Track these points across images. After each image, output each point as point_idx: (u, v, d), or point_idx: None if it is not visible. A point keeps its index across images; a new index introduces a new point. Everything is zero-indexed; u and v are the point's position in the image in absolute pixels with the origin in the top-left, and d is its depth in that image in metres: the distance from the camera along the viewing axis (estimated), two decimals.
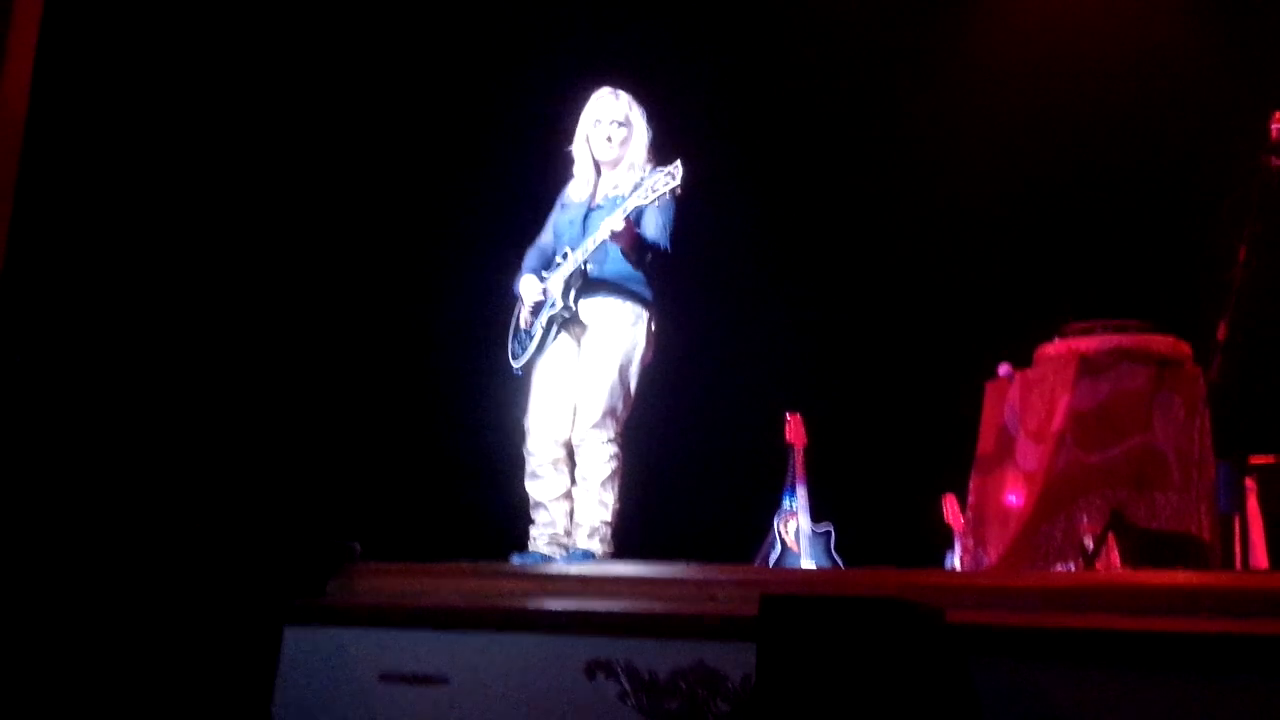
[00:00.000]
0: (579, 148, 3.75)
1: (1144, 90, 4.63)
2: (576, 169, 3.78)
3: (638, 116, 3.71)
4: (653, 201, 3.43)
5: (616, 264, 3.59)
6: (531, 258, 3.82)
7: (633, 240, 3.45)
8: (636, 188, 3.48)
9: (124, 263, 4.14)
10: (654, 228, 3.54)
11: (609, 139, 3.68)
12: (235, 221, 4.45)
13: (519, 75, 4.94)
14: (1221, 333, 3.02)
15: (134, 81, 4.11)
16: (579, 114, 3.76)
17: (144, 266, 4.20)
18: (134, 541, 3.26)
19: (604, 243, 3.50)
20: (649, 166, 3.61)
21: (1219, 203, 3.69)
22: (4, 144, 3.24)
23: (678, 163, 3.41)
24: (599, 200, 3.68)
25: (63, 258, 3.91)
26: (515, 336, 3.78)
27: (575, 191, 3.78)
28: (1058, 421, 3.42)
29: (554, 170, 3.88)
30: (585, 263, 3.58)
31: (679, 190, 3.42)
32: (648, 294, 3.63)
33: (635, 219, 3.46)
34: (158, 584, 3.07)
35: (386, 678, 2.75)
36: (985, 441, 3.72)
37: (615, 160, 3.70)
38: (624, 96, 3.73)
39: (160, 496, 3.85)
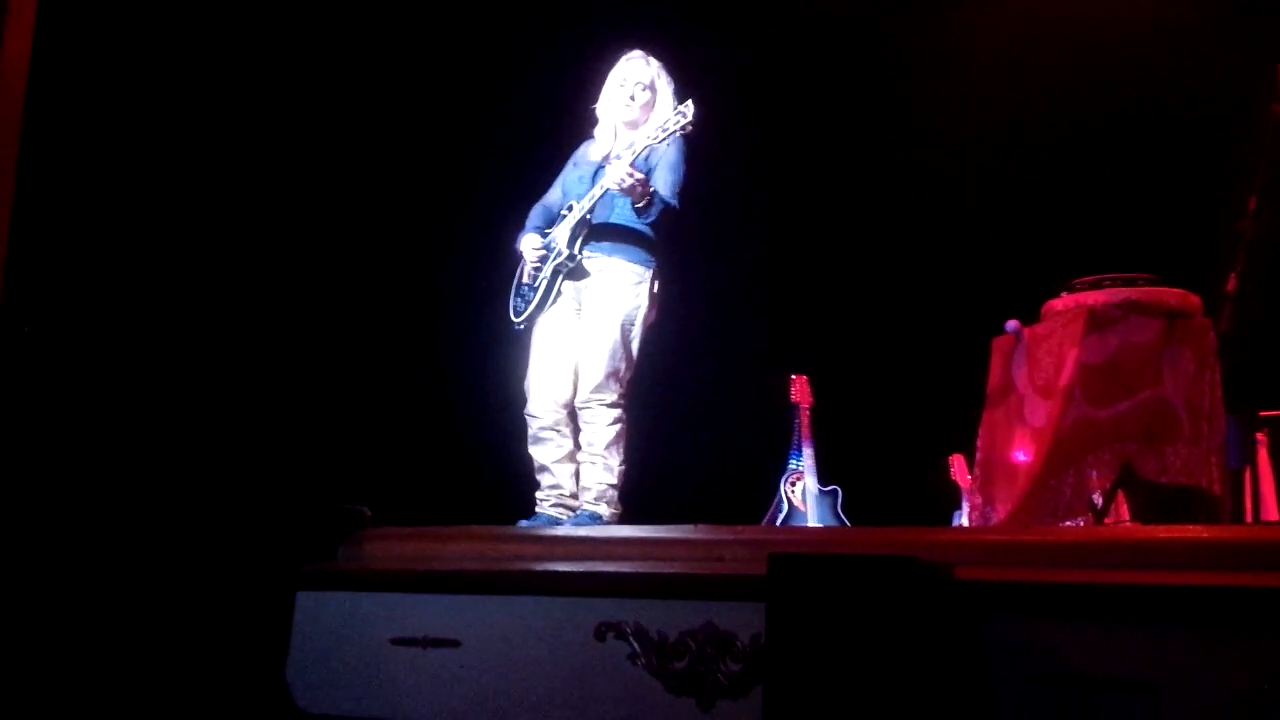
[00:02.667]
0: (603, 107, 3.73)
1: (1153, 39, 4.57)
2: (599, 130, 3.76)
3: (664, 84, 3.69)
4: (663, 140, 3.42)
5: (623, 215, 3.57)
6: (536, 215, 3.79)
7: (639, 183, 3.41)
8: (651, 166, 3.48)
9: (131, 232, 4.13)
10: (664, 185, 3.52)
11: (631, 99, 3.66)
12: (238, 185, 4.43)
13: (531, 33, 4.89)
14: (1232, 284, 2.99)
15: (128, 42, 4.08)
16: (595, 75, 3.76)
17: (151, 235, 4.19)
18: (149, 510, 3.28)
19: (611, 193, 3.48)
20: (661, 136, 3.58)
21: (1229, 153, 3.65)
22: (5, 120, 3.22)
23: (689, 102, 3.41)
24: (612, 156, 3.66)
25: (70, 226, 3.91)
26: (517, 292, 3.76)
27: (592, 151, 3.75)
28: (1066, 377, 3.39)
29: (563, 130, 3.86)
30: (591, 210, 3.56)
31: (689, 128, 3.40)
32: (651, 255, 3.61)
33: (645, 170, 3.44)
34: (173, 551, 3.09)
35: (398, 641, 2.77)
36: (993, 399, 3.70)
37: (635, 122, 3.67)
38: (654, 63, 3.71)
39: (174, 466, 3.87)
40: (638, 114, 3.67)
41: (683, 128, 3.40)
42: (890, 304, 4.98)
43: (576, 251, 3.57)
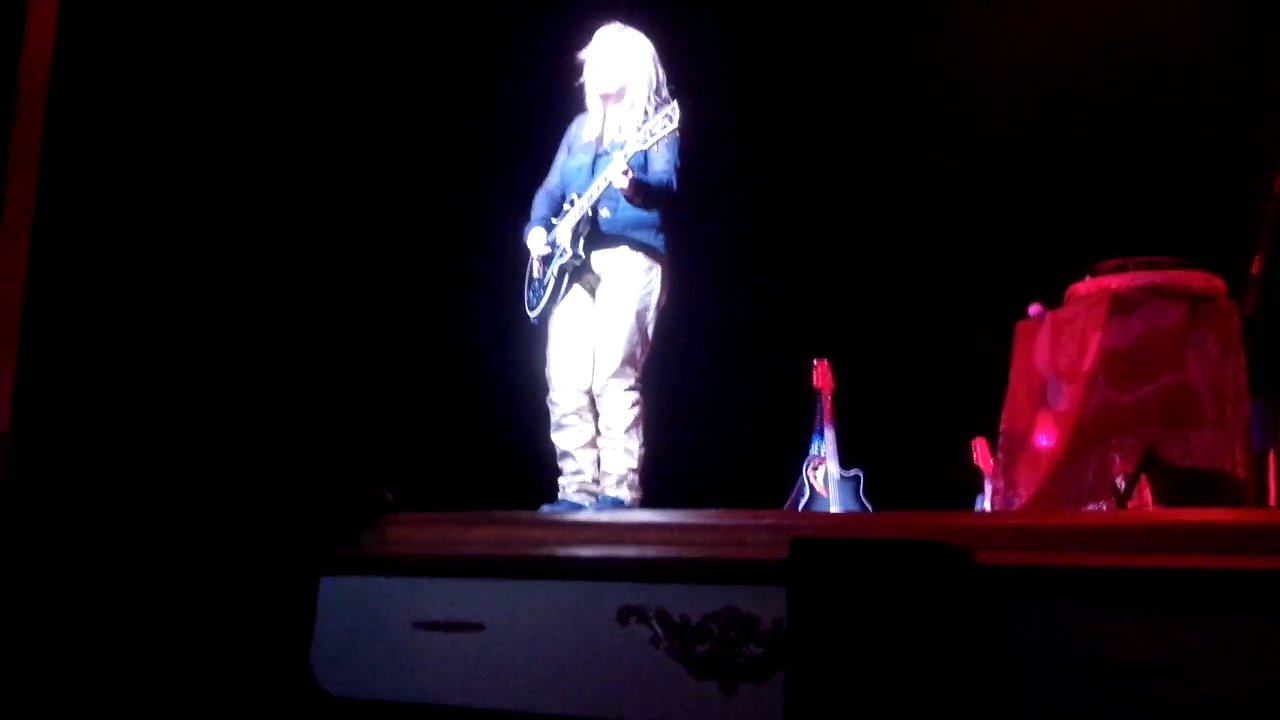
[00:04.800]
0: (586, 82, 3.72)
1: (1177, 19, 4.51)
2: (589, 104, 3.76)
3: (640, 53, 3.66)
4: (652, 145, 3.42)
5: (627, 211, 3.57)
6: (540, 204, 3.80)
7: (635, 186, 3.44)
8: (637, 131, 3.47)
9: (155, 221, 4.16)
10: (660, 163, 3.51)
11: (605, 72, 3.64)
12: (260, 175, 4.46)
13: (531, 17, 4.88)
14: (1256, 267, 2.97)
15: (148, 37, 4.10)
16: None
17: (174, 224, 4.21)
18: (175, 496, 3.30)
19: (612, 188, 3.49)
20: (655, 105, 3.58)
21: (1254, 135, 3.62)
22: (28, 111, 3.25)
23: (674, 104, 3.40)
24: (605, 145, 3.65)
25: (94, 215, 3.93)
26: (530, 286, 3.78)
27: (583, 130, 3.75)
28: (1089, 361, 3.38)
29: (568, 114, 3.86)
30: (593, 209, 3.56)
31: (678, 133, 3.40)
32: (659, 244, 3.61)
33: (638, 165, 3.44)
34: (198, 537, 3.12)
35: (421, 625, 2.79)
36: (1016, 382, 3.69)
37: (615, 95, 3.65)
38: (629, 31, 3.69)
39: (199, 452, 3.90)
40: (614, 85, 3.66)
41: (670, 132, 3.39)
42: (913, 288, 4.96)
43: (581, 251, 3.58)
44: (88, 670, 2.96)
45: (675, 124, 3.37)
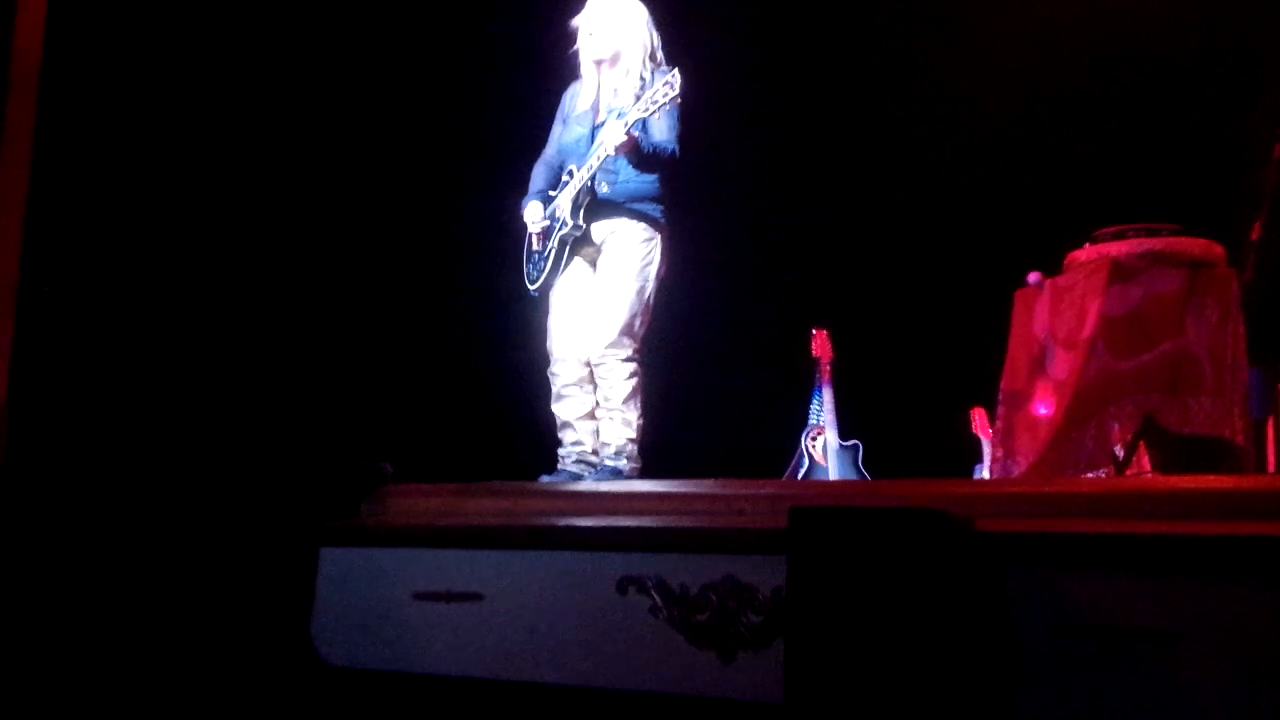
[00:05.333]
0: (580, 48, 3.69)
1: None
2: (582, 72, 3.73)
3: (635, 17, 3.63)
4: (653, 113, 3.39)
5: (627, 182, 3.54)
6: (537, 177, 3.78)
7: (635, 150, 3.42)
8: (637, 99, 3.44)
9: (151, 193, 4.14)
10: (660, 131, 3.49)
11: (599, 38, 3.62)
12: (254, 147, 4.43)
13: None
14: (1255, 233, 2.96)
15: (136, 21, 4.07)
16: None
17: (172, 196, 4.20)
18: (175, 468, 3.30)
19: (611, 157, 3.46)
20: (651, 71, 3.55)
21: (1253, 100, 3.59)
22: (22, 89, 3.22)
23: (675, 71, 3.38)
24: (602, 114, 3.63)
25: (91, 187, 3.91)
26: (529, 260, 3.76)
27: (578, 99, 3.72)
28: (1089, 328, 3.37)
29: (563, 83, 3.83)
30: (593, 179, 3.54)
31: (679, 99, 3.37)
32: (659, 213, 3.60)
33: (639, 128, 3.42)
34: (199, 508, 3.12)
35: (421, 596, 2.80)
36: (1015, 350, 3.69)
37: (610, 60, 3.63)
38: None
39: (200, 423, 3.90)
40: (608, 51, 3.63)
41: (671, 99, 3.36)
42: (912, 256, 4.95)
43: (582, 221, 3.56)
44: (88, 643, 2.97)
45: (677, 91, 3.34)
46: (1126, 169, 4.54)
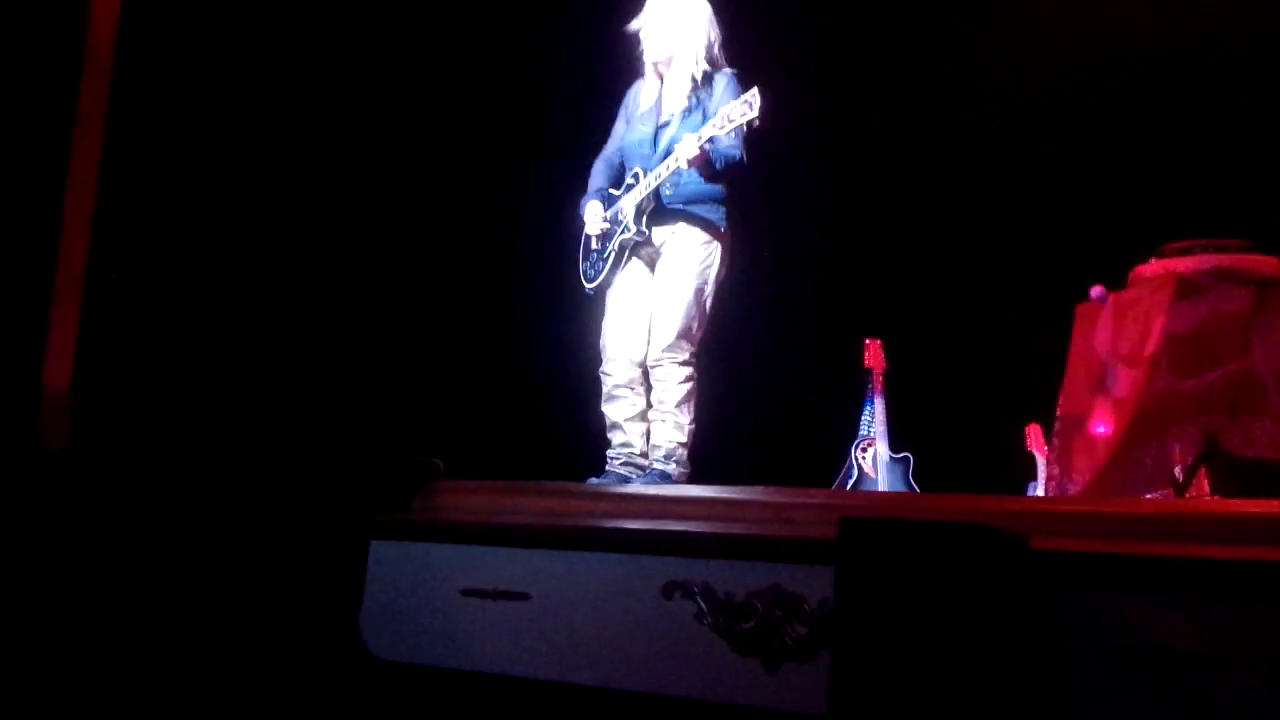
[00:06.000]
0: (644, 49, 3.69)
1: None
2: (647, 70, 3.73)
3: (691, 18, 3.61)
4: (728, 132, 3.35)
5: (691, 186, 3.54)
6: (597, 174, 3.78)
7: (707, 164, 3.42)
8: (693, 103, 3.42)
9: (216, 187, 4.20)
10: (729, 141, 3.48)
11: (655, 40, 3.62)
12: (321, 143, 4.48)
13: None
14: None
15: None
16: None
17: (234, 190, 4.26)
18: (231, 459, 3.35)
19: (681, 170, 3.46)
20: (705, 74, 3.53)
21: None
22: (95, 76, 3.27)
23: (754, 91, 3.30)
24: (665, 115, 3.62)
25: (161, 175, 3.98)
26: (586, 258, 3.76)
27: (640, 97, 3.71)
28: (1152, 345, 3.31)
29: (624, 83, 3.83)
30: (659, 187, 3.54)
31: (756, 123, 3.30)
32: (722, 218, 3.59)
33: (710, 141, 3.40)
34: (252, 499, 3.16)
35: (468, 592, 2.81)
36: (1074, 367, 3.63)
37: (666, 61, 3.62)
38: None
39: (257, 414, 3.95)
40: (664, 52, 3.62)
41: (749, 121, 3.29)
42: (971, 268, 4.89)
43: (645, 228, 3.56)
44: (140, 630, 3.02)
45: (755, 113, 3.27)
46: (1194, 181, 4.45)
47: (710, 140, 3.39)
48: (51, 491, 3.10)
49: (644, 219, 3.56)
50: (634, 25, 3.68)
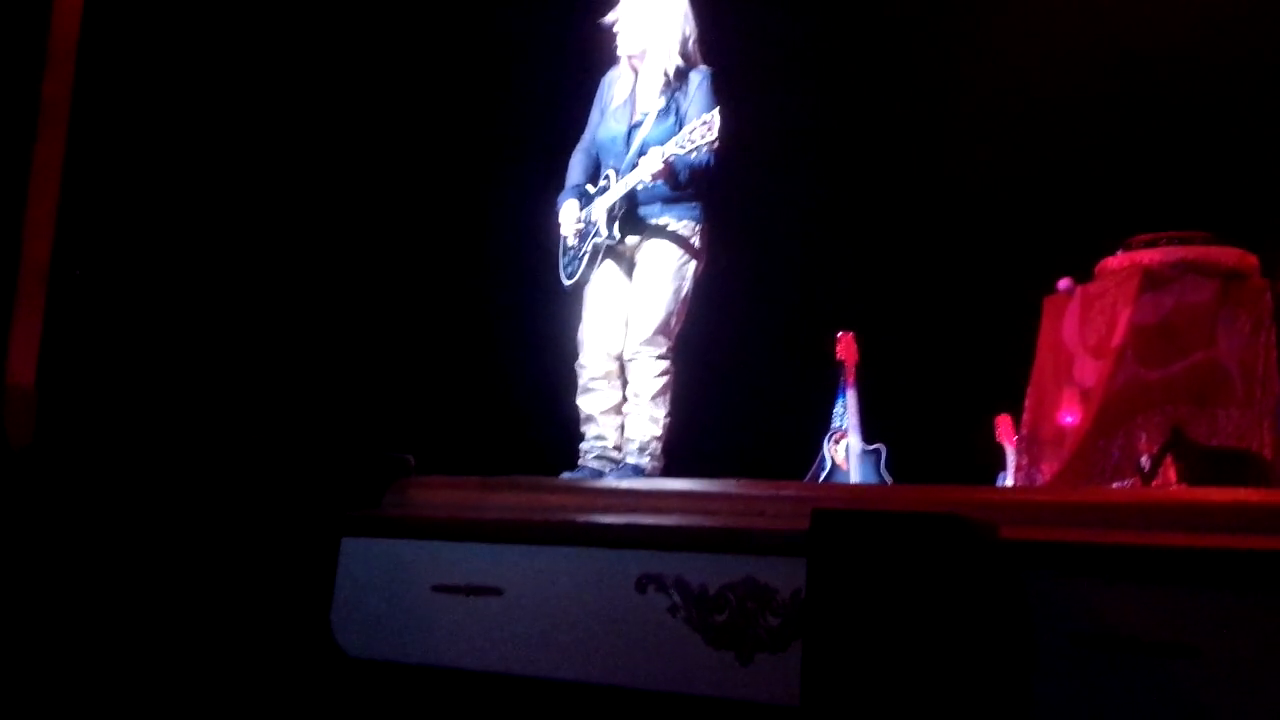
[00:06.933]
0: (618, 41, 3.69)
1: None
2: (621, 60, 3.73)
3: (665, 12, 3.61)
4: (689, 152, 3.36)
5: (662, 189, 3.53)
6: (575, 168, 3.77)
7: (672, 177, 3.43)
8: (681, 119, 3.44)
9: (184, 183, 4.17)
10: (697, 152, 3.47)
11: (628, 33, 3.62)
12: (287, 139, 4.45)
13: None
14: None
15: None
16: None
17: (203, 186, 4.22)
18: (199, 454, 3.33)
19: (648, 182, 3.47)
20: (679, 70, 3.54)
21: None
22: (58, 72, 3.24)
23: (715, 112, 3.32)
24: (638, 113, 3.61)
25: (124, 173, 3.94)
26: (564, 252, 3.75)
27: (615, 89, 3.70)
28: (1118, 337, 3.34)
29: (598, 74, 3.82)
30: (629, 191, 3.54)
31: (716, 144, 3.32)
32: (698, 216, 3.59)
33: (674, 158, 3.40)
34: (219, 496, 3.14)
35: (440, 588, 2.80)
36: (1043, 358, 3.66)
37: (639, 55, 3.63)
38: None
39: (225, 410, 3.92)
40: (638, 45, 3.62)
41: (710, 143, 3.31)
42: (940, 260, 4.92)
43: (618, 232, 3.55)
44: (107, 630, 2.99)
45: (714, 135, 3.29)
46: (1159, 175, 4.50)
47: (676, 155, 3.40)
48: (16, 489, 3.07)
49: (616, 224, 3.56)
50: (608, 19, 3.67)
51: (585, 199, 3.69)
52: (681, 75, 3.57)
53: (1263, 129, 4.19)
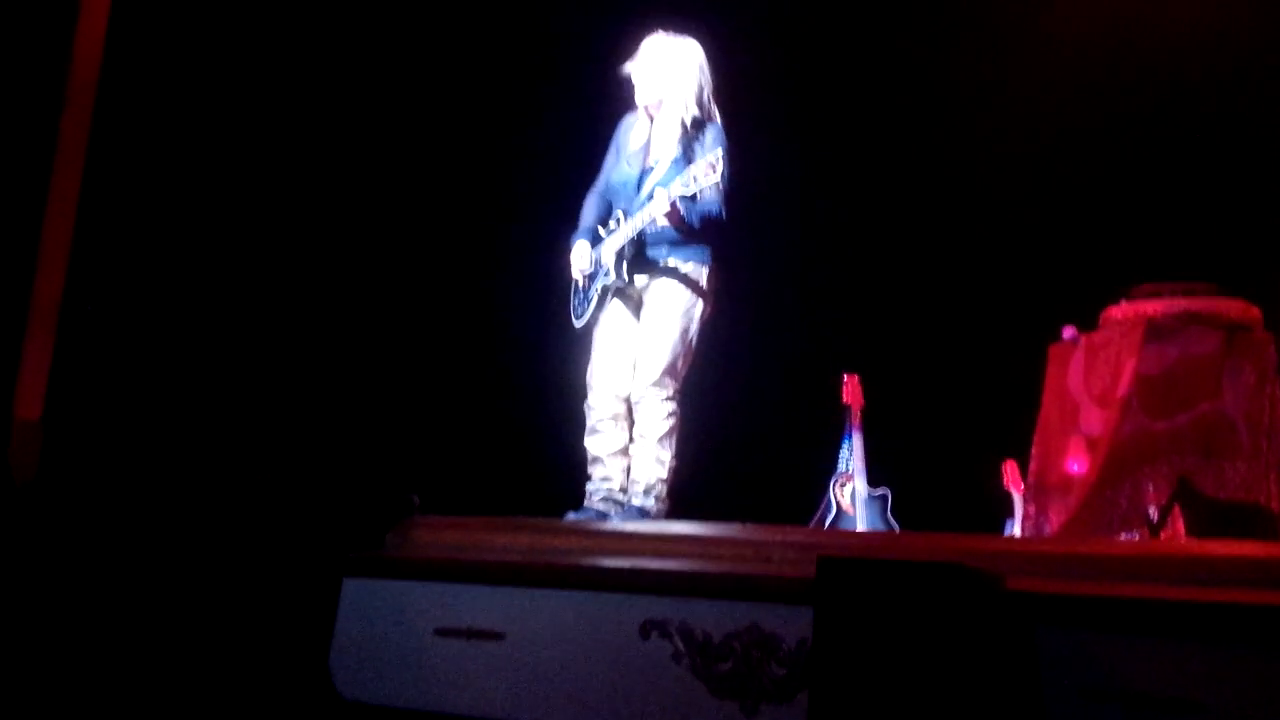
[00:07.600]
0: (636, 90, 3.72)
1: (1218, 44, 4.47)
2: (638, 109, 3.77)
3: (681, 63, 3.65)
4: (694, 193, 3.40)
5: (671, 232, 3.56)
6: (588, 210, 3.79)
7: (680, 222, 3.45)
8: (681, 153, 3.45)
9: (190, 221, 4.19)
10: (708, 192, 3.49)
11: (646, 83, 3.65)
12: (300, 177, 4.48)
13: (581, 26, 4.89)
14: None
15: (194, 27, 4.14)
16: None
17: (217, 225, 4.24)
18: (202, 492, 3.32)
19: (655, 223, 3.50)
20: (696, 120, 3.56)
21: None
22: (77, 110, 3.27)
23: (718, 154, 3.37)
24: (652, 158, 3.64)
25: (138, 209, 3.96)
26: (575, 293, 3.77)
27: (632, 135, 3.73)
28: (1124, 387, 3.34)
29: (615, 118, 3.85)
30: (638, 234, 3.56)
31: (721, 185, 3.38)
32: (706, 259, 3.60)
33: (682, 200, 3.43)
34: (222, 534, 3.13)
35: (442, 632, 2.78)
36: (1048, 406, 3.65)
37: (656, 104, 3.66)
38: (673, 41, 3.67)
39: (229, 449, 3.91)
40: (655, 96, 3.66)
41: (712, 184, 3.37)
42: (946, 306, 4.92)
43: (626, 275, 3.57)
44: (107, 665, 2.97)
45: (718, 176, 3.35)
46: (1163, 224, 4.51)
47: (683, 198, 3.42)
48: (19, 526, 3.06)
49: (624, 266, 3.58)
50: (627, 68, 3.71)
51: (596, 241, 3.71)
52: (699, 125, 3.60)
53: (1267, 182, 4.20)
